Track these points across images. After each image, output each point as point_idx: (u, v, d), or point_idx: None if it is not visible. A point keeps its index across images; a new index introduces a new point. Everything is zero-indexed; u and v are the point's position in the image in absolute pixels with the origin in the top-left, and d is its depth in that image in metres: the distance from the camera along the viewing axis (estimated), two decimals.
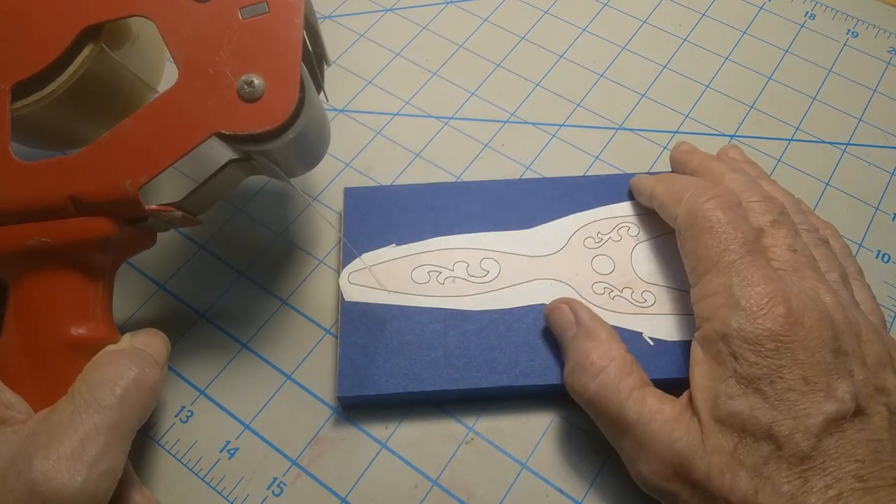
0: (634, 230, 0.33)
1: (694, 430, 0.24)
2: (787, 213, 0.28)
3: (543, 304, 0.31)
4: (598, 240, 0.32)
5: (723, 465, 0.23)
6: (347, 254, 0.32)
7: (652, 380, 0.28)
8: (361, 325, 0.30)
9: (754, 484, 0.23)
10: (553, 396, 0.30)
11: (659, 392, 0.26)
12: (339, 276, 0.32)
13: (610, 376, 0.26)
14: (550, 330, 0.30)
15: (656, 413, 0.25)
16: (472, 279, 0.31)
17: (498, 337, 0.30)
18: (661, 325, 0.30)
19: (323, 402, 0.30)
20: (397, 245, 0.32)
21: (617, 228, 0.33)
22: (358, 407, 0.30)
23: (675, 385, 0.28)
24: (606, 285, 0.31)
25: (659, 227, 0.33)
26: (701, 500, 0.24)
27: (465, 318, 0.30)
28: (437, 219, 0.33)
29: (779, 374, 0.23)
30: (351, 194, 0.34)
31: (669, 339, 0.30)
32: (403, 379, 0.29)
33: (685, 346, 0.29)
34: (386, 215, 0.33)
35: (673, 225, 0.29)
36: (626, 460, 0.26)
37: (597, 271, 0.32)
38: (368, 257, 0.32)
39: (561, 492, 0.28)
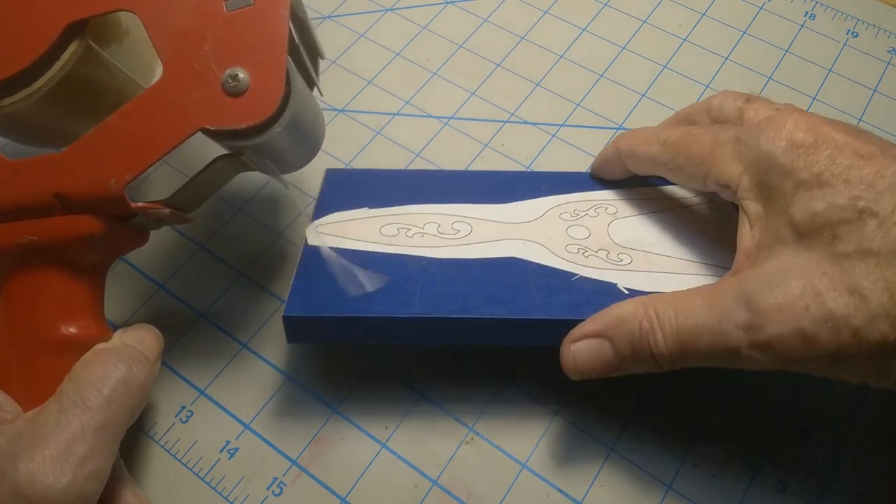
0: (612, 209, 0.32)
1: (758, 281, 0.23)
2: None
3: (513, 258, 0.29)
4: (574, 214, 0.32)
5: (825, 270, 0.22)
6: (316, 216, 0.31)
7: None
8: (320, 261, 0.29)
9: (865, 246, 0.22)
10: (501, 353, 0.30)
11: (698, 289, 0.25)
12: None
13: (658, 303, 0.25)
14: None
15: (696, 301, 0.24)
16: (443, 236, 0.31)
17: (457, 276, 0.29)
18: (637, 278, 0.29)
19: (323, 403, 0.30)
20: (370, 209, 0.32)
21: (594, 207, 0.32)
22: (304, 337, 0.29)
23: None
24: (581, 247, 0.30)
25: (638, 208, 0.32)
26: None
27: (428, 261, 0.29)
28: (412, 196, 0.32)
29: (832, 160, 0.23)
30: (331, 175, 0.33)
31: (646, 289, 0.28)
32: (355, 303, 0.28)
33: None
34: (362, 194, 0.32)
35: (698, 177, 0.28)
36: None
37: (571, 236, 0.31)
38: (338, 216, 0.31)
39: (561, 492, 0.28)
